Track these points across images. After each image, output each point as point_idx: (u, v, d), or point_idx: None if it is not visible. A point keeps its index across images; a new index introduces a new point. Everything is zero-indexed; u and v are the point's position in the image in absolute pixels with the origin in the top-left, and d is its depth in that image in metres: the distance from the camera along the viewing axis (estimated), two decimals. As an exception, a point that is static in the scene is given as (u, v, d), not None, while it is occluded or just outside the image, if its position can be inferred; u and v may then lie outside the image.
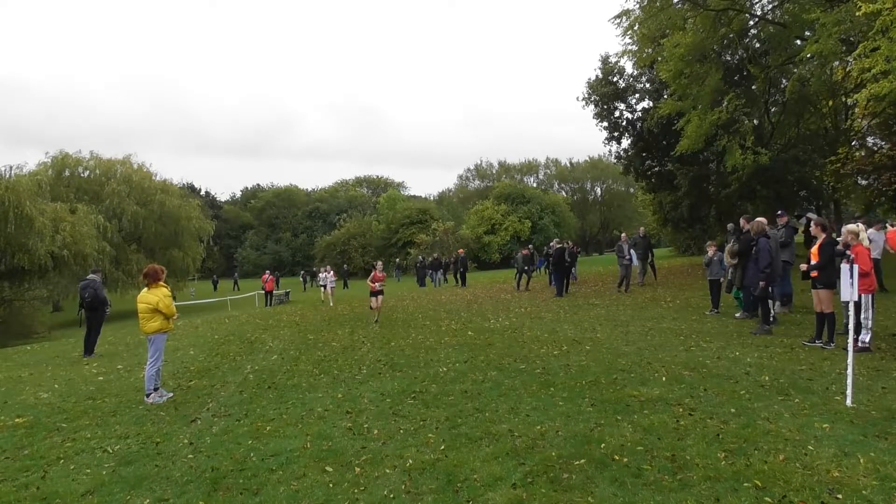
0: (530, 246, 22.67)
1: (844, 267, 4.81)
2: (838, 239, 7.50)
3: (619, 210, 69.86)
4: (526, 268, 18.87)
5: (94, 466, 4.28)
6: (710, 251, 10.64)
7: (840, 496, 3.03)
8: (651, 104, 23.70)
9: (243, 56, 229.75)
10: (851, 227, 6.69)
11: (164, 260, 29.82)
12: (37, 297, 25.67)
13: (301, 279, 42.59)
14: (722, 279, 10.42)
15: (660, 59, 17.31)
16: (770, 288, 7.98)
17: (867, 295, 6.52)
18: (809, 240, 12.35)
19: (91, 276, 10.62)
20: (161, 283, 6.48)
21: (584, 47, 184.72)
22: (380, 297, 12.21)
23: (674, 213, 24.93)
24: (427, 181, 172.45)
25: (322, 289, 22.98)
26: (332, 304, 18.67)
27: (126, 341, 12.15)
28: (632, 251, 15.21)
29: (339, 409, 5.41)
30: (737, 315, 9.65)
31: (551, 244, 18.69)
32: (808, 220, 15.88)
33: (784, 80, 18.99)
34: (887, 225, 11.25)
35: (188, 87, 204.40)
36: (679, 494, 3.16)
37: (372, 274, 12.30)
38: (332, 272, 21.69)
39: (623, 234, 16.02)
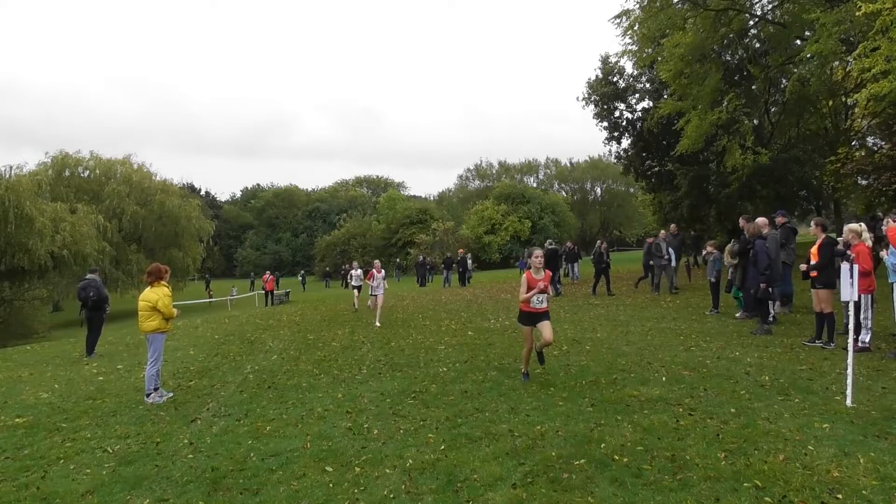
0: (568, 243, 22.24)
1: (844, 267, 4.80)
2: (838, 239, 7.51)
3: (619, 210, 69.78)
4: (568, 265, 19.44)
5: (94, 466, 4.28)
6: (705, 251, 10.82)
7: (840, 496, 3.03)
8: (651, 104, 23.68)
9: (243, 56, 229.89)
10: (853, 225, 6.68)
11: (164, 260, 29.81)
12: (37, 297, 25.70)
13: (300, 279, 42.43)
14: (712, 278, 10.47)
15: (660, 59, 17.31)
16: (770, 288, 7.99)
17: (867, 295, 6.51)
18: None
19: (90, 275, 10.63)
20: (163, 282, 6.48)
21: (584, 47, 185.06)
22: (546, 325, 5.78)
23: (674, 213, 24.88)
24: (427, 181, 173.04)
25: (356, 292, 15.56)
26: (378, 324, 11.39)
27: (126, 341, 12.15)
28: (670, 250, 13.80)
29: (339, 409, 5.41)
30: (737, 315, 9.65)
31: (550, 243, 18.70)
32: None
33: (784, 80, 18.97)
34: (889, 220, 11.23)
35: (188, 87, 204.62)
36: (679, 494, 3.16)
37: (523, 275, 5.84)
38: (382, 271, 12.49)
39: (662, 232, 14.58)
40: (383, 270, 12.77)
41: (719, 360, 6.44)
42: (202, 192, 71.56)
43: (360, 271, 15.74)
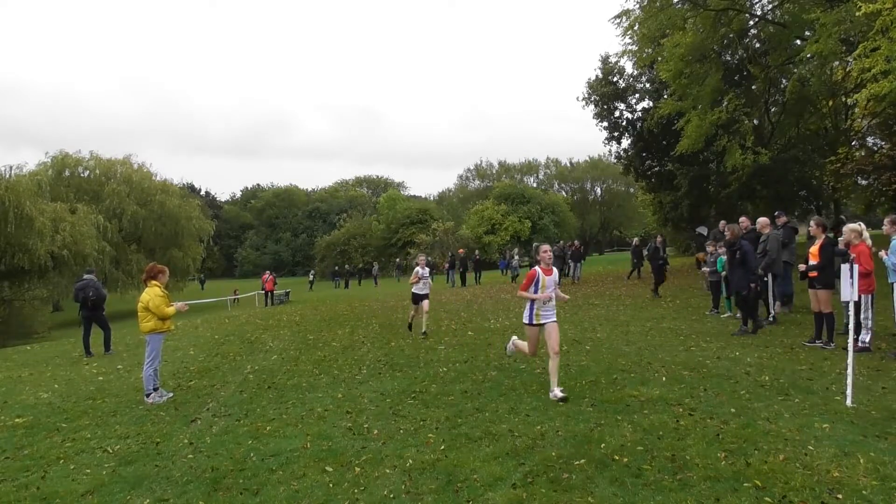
0: (576, 242, 22.13)
1: (844, 267, 4.80)
2: (838, 239, 7.51)
3: (619, 210, 69.85)
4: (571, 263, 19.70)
5: (94, 466, 4.28)
6: (709, 250, 10.83)
7: (840, 496, 3.03)
8: (651, 104, 23.70)
9: (243, 56, 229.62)
10: (854, 225, 6.70)
11: (164, 260, 29.80)
12: (37, 297, 25.69)
13: (310, 278, 41.03)
14: (713, 278, 10.36)
15: (660, 59, 17.32)
16: (759, 288, 8.01)
17: (867, 295, 6.51)
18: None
19: (87, 276, 10.63)
20: (155, 282, 6.47)
21: (584, 47, 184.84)
22: None
23: (674, 213, 24.93)
24: (427, 181, 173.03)
25: (421, 304, 9.53)
26: (559, 394, 5.17)
27: (126, 341, 12.14)
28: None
29: (339, 409, 5.40)
30: (724, 315, 9.73)
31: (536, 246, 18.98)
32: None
33: (784, 80, 19.00)
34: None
35: (188, 87, 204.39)
36: (679, 494, 3.16)
37: None
38: (554, 272, 5.46)
39: (722, 224, 11.09)
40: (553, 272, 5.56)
41: (719, 360, 6.44)
42: (202, 192, 71.57)
43: (426, 270, 9.43)
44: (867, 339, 6.59)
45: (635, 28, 17.17)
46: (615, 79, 25.26)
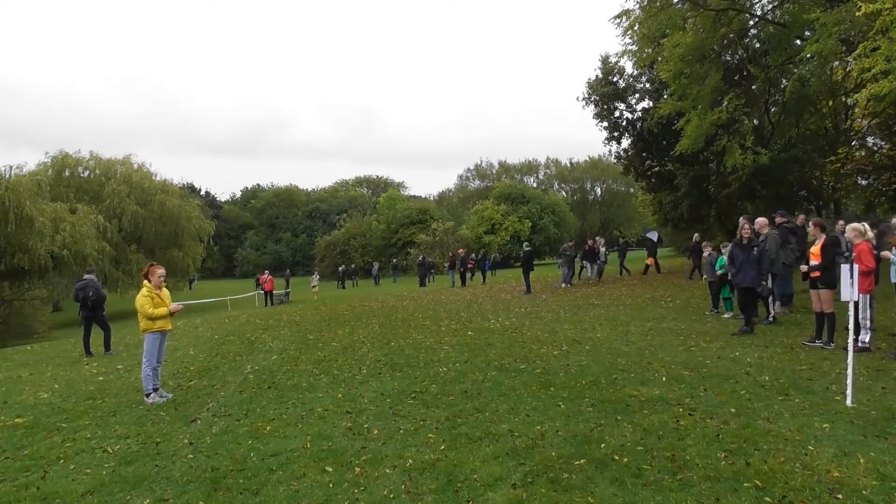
0: (596, 238, 20.37)
1: (844, 266, 4.80)
2: (838, 239, 7.51)
3: (619, 210, 69.84)
4: (585, 263, 19.55)
5: (94, 466, 4.28)
6: (706, 251, 10.83)
7: (840, 496, 3.03)
8: (651, 104, 23.67)
9: (243, 56, 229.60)
10: (856, 225, 6.72)
11: (164, 260, 29.80)
12: (37, 297, 25.72)
13: (338, 276, 39.00)
14: (712, 278, 10.35)
15: (660, 59, 17.31)
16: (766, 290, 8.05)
17: (865, 295, 6.51)
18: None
19: (87, 276, 10.64)
20: (146, 281, 6.47)
21: (584, 47, 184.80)
22: None
23: (674, 213, 24.91)
24: (427, 181, 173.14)
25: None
26: None
27: (126, 341, 12.15)
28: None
29: (339, 409, 5.40)
30: (725, 315, 9.72)
31: (526, 245, 19.38)
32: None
33: (784, 80, 18.96)
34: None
35: (188, 87, 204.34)
36: (679, 494, 3.16)
37: None
38: None
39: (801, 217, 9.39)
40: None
41: (719, 360, 6.44)
42: (202, 192, 71.55)
43: None
44: (867, 339, 6.59)
45: (635, 28, 17.15)
46: (615, 79, 25.23)
